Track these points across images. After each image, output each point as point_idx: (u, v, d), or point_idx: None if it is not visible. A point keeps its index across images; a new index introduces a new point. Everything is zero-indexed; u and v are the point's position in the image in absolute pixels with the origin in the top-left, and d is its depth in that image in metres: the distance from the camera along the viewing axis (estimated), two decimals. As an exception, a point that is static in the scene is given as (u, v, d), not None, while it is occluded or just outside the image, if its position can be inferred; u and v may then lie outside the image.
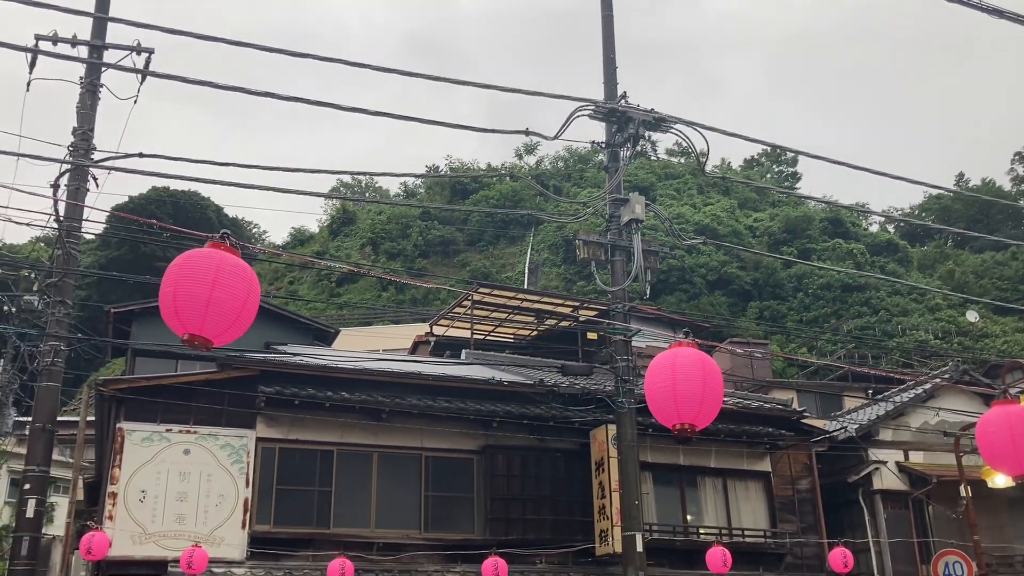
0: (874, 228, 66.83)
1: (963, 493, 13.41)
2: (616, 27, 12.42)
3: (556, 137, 10.11)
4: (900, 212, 70.44)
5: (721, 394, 4.43)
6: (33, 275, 19.51)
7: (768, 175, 69.22)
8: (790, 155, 70.93)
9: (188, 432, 12.09)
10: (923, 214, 69.77)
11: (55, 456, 13.57)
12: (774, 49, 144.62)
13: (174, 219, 45.06)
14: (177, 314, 3.46)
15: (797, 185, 71.93)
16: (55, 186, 10.68)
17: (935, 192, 71.13)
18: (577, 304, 19.10)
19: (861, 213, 61.30)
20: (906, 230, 69.88)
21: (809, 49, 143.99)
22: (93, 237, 48.57)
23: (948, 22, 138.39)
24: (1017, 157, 73.27)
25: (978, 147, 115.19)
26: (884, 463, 16.23)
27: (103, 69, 11.53)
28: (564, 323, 19.07)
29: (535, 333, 19.97)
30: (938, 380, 17.16)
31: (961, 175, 73.55)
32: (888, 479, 16.21)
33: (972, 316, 44.39)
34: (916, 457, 16.64)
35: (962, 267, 56.96)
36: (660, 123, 10.70)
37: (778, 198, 62.90)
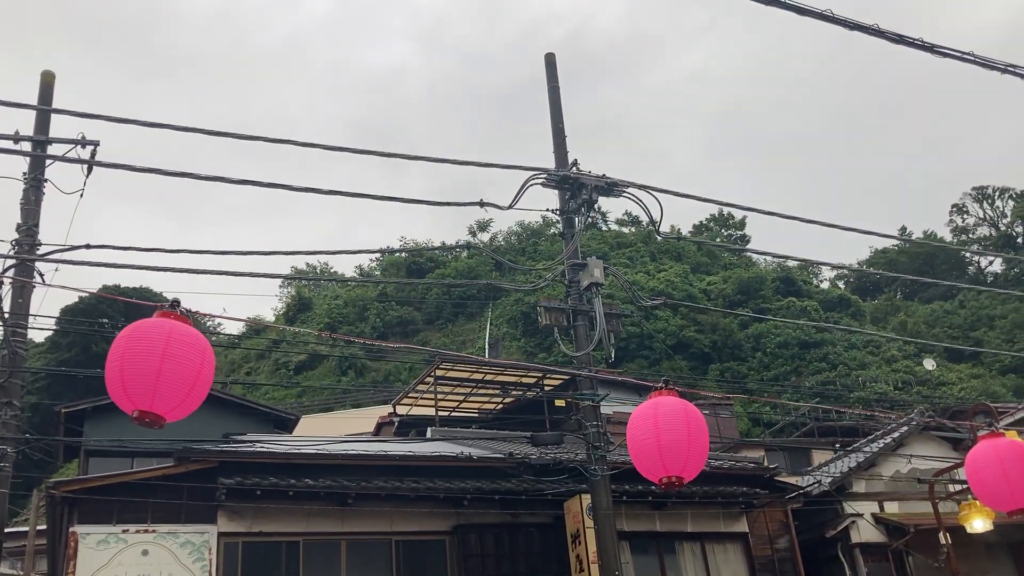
0: (825, 285, 68.05)
1: (943, 541, 13.29)
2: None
3: (511, 207, 10.09)
4: (848, 268, 71.83)
5: (707, 444, 4.27)
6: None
7: (717, 239, 70.38)
8: (738, 219, 72.34)
9: (146, 531, 11.53)
10: (870, 269, 71.27)
11: (5, 570, 12.89)
12: (712, 120, 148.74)
13: (126, 317, 44.18)
14: (125, 390, 3.23)
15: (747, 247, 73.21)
16: (-1, 283, 10.35)
17: (880, 246, 72.92)
18: (541, 374, 18.91)
19: (819, 265, 62.41)
20: (856, 285, 71.27)
21: (746, 119, 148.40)
22: (43, 340, 47.49)
23: (877, 84, 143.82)
24: (955, 209, 75.69)
25: (917, 201, 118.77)
26: (860, 515, 16.09)
27: (48, 162, 11.34)
28: (530, 393, 18.84)
29: (501, 406, 19.69)
30: (906, 428, 17.18)
31: (904, 228, 75.48)
32: (866, 532, 16.04)
33: (929, 364, 45.04)
34: (891, 507, 16.53)
35: (913, 318, 58.03)
36: (613, 187, 10.75)
37: (729, 261, 63.87)
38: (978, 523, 12.48)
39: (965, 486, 13.79)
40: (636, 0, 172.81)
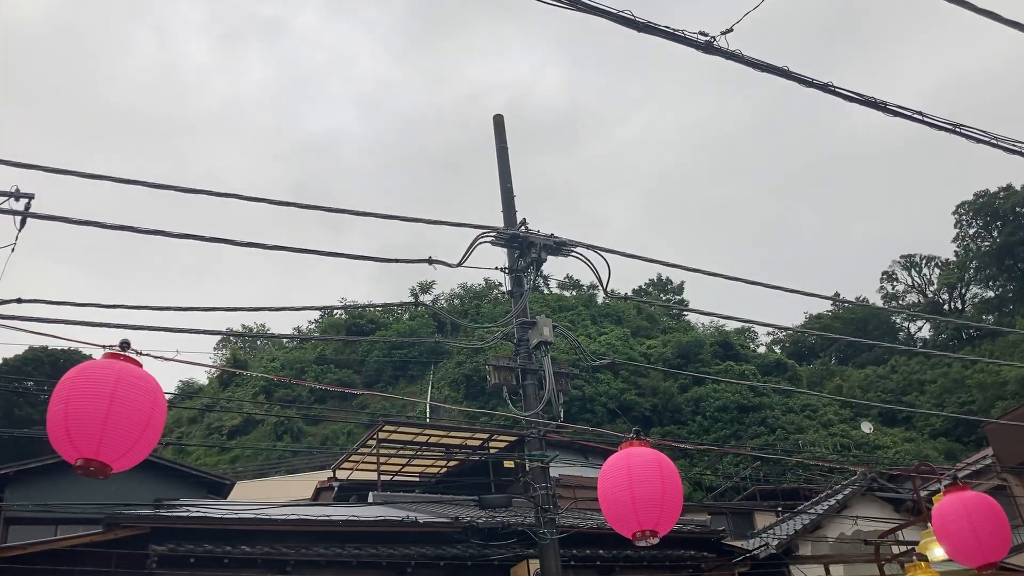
0: (762, 350, 69.16)
1: (889, 603, 13.24)
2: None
3: (460, 264, 9.95)
4: (785, 333, 73.24)
5: (681, 496, 4.12)
6: None
7: (654, 306, 71.21)
8: (676, 283, 73.46)
9: (69, 603, 10.86)
10: (807, 329, 72.74)
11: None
12: (649, 188, 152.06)
13: (52, 381, 42.61)
14: (69, 435, 2.97)
15: (684, 313, 74.23)
16: (-80, 338, 9.86)
17: (815, 312, 74.54)
18: (487, 435, 18.61)
19: (758, 325, 63.36)
20: (792, 350, 72.54)
21: (682, 186, 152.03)
22: (-39, 402, 45.47)
23: (807, 153, 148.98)
24: (885, 276, 78.00)
25: (848, 269, 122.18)
26: (807, 579, 16.01)
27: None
28: (475, 456, 18.50)
29: (445, 469, 19.28)
30: (849, 490, 17.27)
31: (837, 294, 77.33)
32: (813, 595, 15.95)
33: (866, 427, 45.79)
34: (837, 571, 16.49)
35: (848, 382, 59.18)
36: (561, 247, 10.73)
37: (669, 325, 64.62)
38: (924, 586, 12.46)
39: (910, 547, 13.84)
40: (573, 73, 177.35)
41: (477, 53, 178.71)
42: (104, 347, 3.19)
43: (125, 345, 3.25)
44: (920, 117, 5.91)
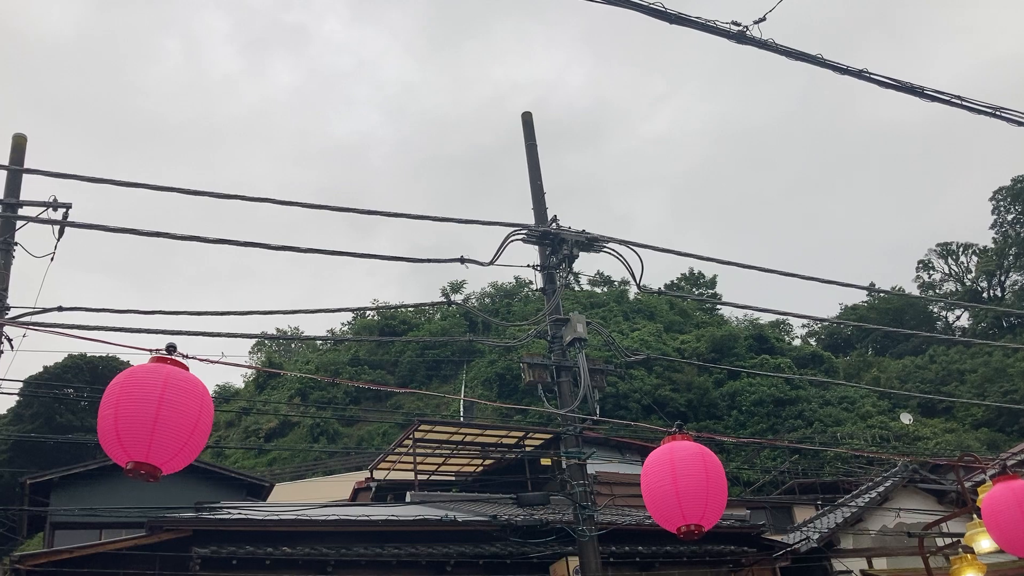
0: (797, 343, 68.51)
1: (935, 596, 13.06)
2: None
3: (492, 263, 9.96)
4: (820, 325, 72.50)
5: (725, 490, 4.08)
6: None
7: (688, 299, 70.78)
8: (709, 277, 72.96)
9: (116, 606, 11.02)
10: (841, 326, 71.96)
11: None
12: (676, 184, 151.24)
13: (91, 388, 43.31)
14: (119, 440, 3.00)
15: (717, 307, 73.71)
16: (-35, 348, 10.01)
17: (850, 303, 73.70)
18: (523, 433, 18.61)
19: (791, 317, 62.73)
20: (828, 343, 71.80)
21: (708, 180, 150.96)
22: (5, 412, 46.32)
23: (837, 144, 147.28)
24: (921, 265, 76.92)
25: (884, 259, 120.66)
26: (850, 572, 15.82)
27: (19, 224, 11.10)
28: (510, 455, 18.52)
29: (481, 468, 19.32)
30: (891, 482, 17.04)
31: (872, 284, 76.38)
32: (856, 589, 15.77)
33: (906, 419, 45.17)
34: (880, 563, 16.29)
35: (886, 373, 58.39)
36: (593, 243, 10.71)
37: (702, 320, 64.17)
38: (971, 577, 12.26)
39: (955, 539, 13.64)
40: (597, 70, 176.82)
41: (500, 53, 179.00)
42: (151, 351, 3.23)
43: (171, 349, 3.28)
44: (959, 101, 5.81)
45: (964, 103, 5.39)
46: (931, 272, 76.50)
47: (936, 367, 58.82)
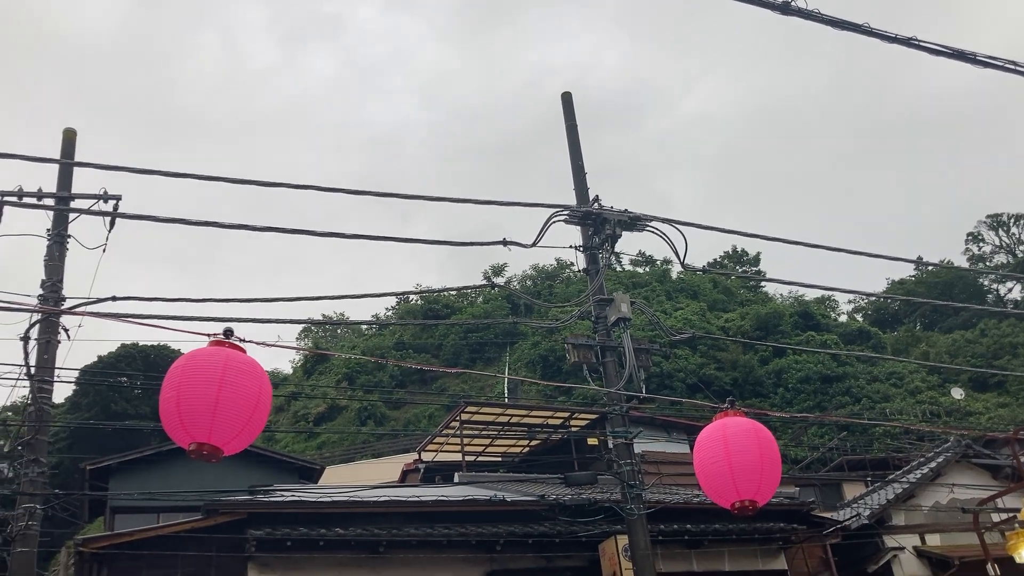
0: (843, 319, 67.58)
1: (991, 572, 12.88)
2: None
3: (534, 244, 9.99)
4: (867, 300, 71.44)
5: (780, 465, 4.07)
6: (2, 442, 18.79)
7: (732, 277, 70.11)
8: (752, 255, 72.19)
9: (176, 587, 11.32)
10: (888, 301, 70.77)
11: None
12: (716, 162, 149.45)
13: (144, 376, 44.26)
14: (182, 421, 3.09)
15: (761, 285, 72.87)
16: (25, 338, 10.28)
17: (897, 277, 72.43)
18: (568, 414, 18.66)
19: (837, 292, 61.92)
20: (875, 318, 70.73)
21: (748, 157, 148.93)
22: (62, 401, 47.50)
23: (880, 116, 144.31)
24: (970, 237, 75.29)
25: (931, 233, 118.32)
26: (902, 549, 15.67)
27: (72, 217, 11.33)
28: (556, 435, 18.59)
29: (527, 448, 19.43)
30: (943, 458, 16.80)
31: (919, 258, 74.95)
32: (909, 565, 15.61)
33: (957, 393, 44.40)
34: (933, 539, 16.11)
35: (935, 348, 57.38)
36: (636, 222, 10.67)
37: (746, 298, 63.56)
38: (1027, 552, 12.10)
39: (1011, 515, 13.43)
40: (631, 52, 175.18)
41: (535, 37, 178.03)
42: (209, 335, 3.31)
43: (229, 333, 3.36)
44: (1013, 67, 5.69)
45: (1018, 67, 5.28)
46: (981, 244, 74.87)
47: (987, 341, 57.61)
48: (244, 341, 3.38)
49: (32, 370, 10.23)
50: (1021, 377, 45.48)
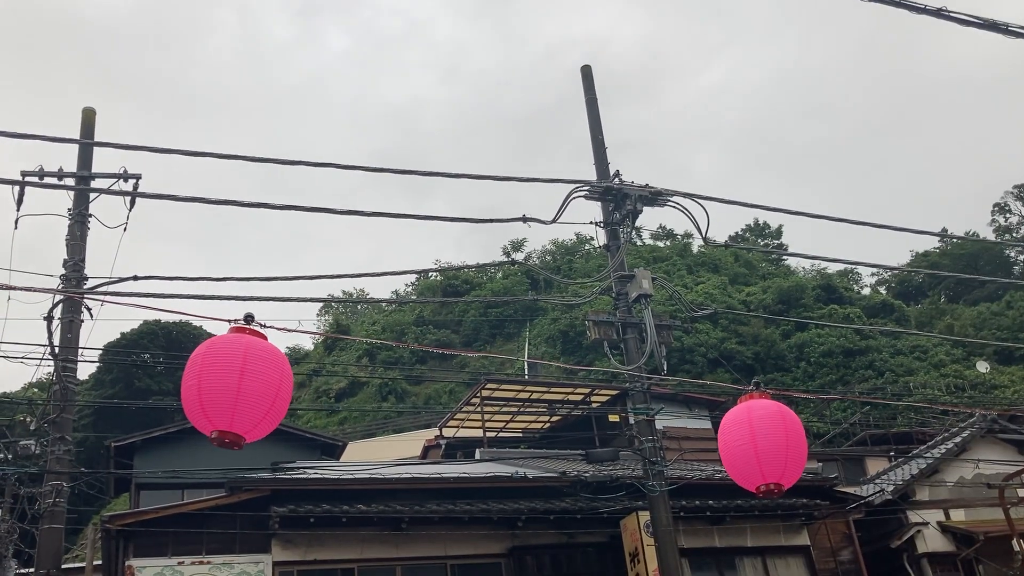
0: (866, 291, 67.05)
1: (1017, 548, 12.79)
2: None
3: (554, 221, 9.88)
4: (890, 273, 70.76)
5: (805, 448, 4.01)
6: (29, 419, 19.00)
7: (754, 251, 69.64)
8: (774, 228, 71.66)
9: (201, 563, 11.43)
10: (914, 268, 70.05)
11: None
12: (734, 136, 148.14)
13: (166, 352, 44.65)
14: (203, 409, 3.07)
15: (783, 258, 72.34)
16: (49, 318, 10.34)
17: (921, 250, 71.67)
18: (589, 390, 18.65)
19: (860, 266, 61.56)
20: (898, 290, 70.13)
21: (769, 130, 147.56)
22: (87, 378, 48.04)
23: (904, 88, 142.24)
24: (996, 208, 74.28)
25: (956, 204, 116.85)
26: (926, 524, 15.58)
27: (92, 196, 11.35)
28: (577, 411, 18.59)
29: (548, 424, 19.45)
30: (968, 432, 16.65)
31: (944, 230, 74.07)
32: (933, 541, 15.53)
33: (982, 367, 43.99)
34: (958, 515, 16.00)
35: (960, 321, 56.83)
36: (657, 197, 10.55)
37: (768, 271, 63.17)
38: (1054, 528, 12.00)
39: (1037, 490, 13.31)
40: (650, 24, 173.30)
41: (551, 10, 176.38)
42: (229, 321, 3.28)
43: (250, 319, 3.33)
44: (1044, 36, 5.54)
45: (1052, 38, 5.13)
46: (1008, 215, 73.80)
47: (1013, 313, 56.94)
48: (265, 327, 3.35)
49: (56, 349, 10.32)
50: (1047, 350, 44.97)
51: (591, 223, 11.68)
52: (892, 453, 22.06)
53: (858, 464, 23.99)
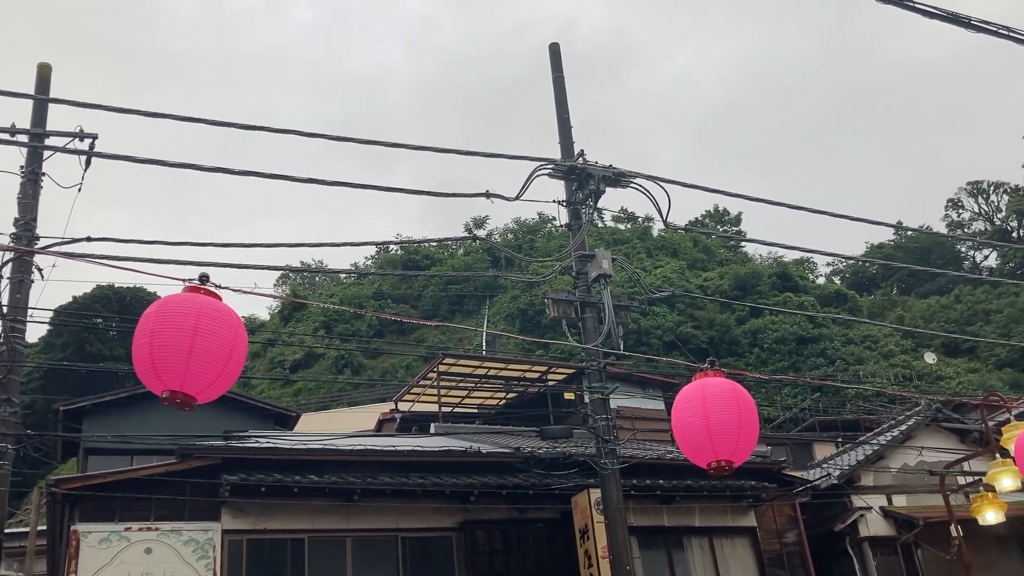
0: (820, 281, 68.09)
1: (954, 533, 13.15)
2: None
3: (517, 197, 9.87)
4: (845, 263, 71.91)
5: (757, 427, 4.08)
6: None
7: (713, 236, 70.28)
8: (734, 214, 72.35)
9: (149, 529, 11.32)
10: (866, 264, 71.29)
11: (2, 572, 12.63)
12: (699, 123, 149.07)
13: (119, 318, 43.93)
14: (155, 369, 3.02)
15: (741, 244, 73.12)
16: (-3, 277, 10.10)
17: (876, 241, 72.89)
18: (546, 368, 18.74)
19: (815, 254, 62.33)
20: (852, 281, 71.32)
21: (732, 118, 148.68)
22: (36, 341, 47.13)
23: (865, 81, 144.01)
24: (950, 204, 75.74)
25: (910, 199, 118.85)
26: (869, 509, 15.95)
27: (46, 155, 11.09)
28: (533, 389, 18.68)
29: (504, 401, 19.52)
30: (914, 421, 17.05)
31: (899, 222, 75.33)
32: (875, 525, 15.91)
33: (930, 358, 45.04)
34: (900, 500, 16.41)
35: (910, 312, 58.04)
36: (620, 178, 10.58)
37: (726, 257, 63.82)
38: (990, 515, 12.36)
39: (976, 478, 13.67)
40: (618, 6, 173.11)
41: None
42: (184, 281, 3.23)
43: (204, 279, 3.28)
44: (1008, 32, 5.62)
45: (1013, 34, 5.21)
46: (960, 211, 75.37)
47: (961, 307, 58.32)
48: (220, 288, 3.31)
49: (4, 309, 10.10)
50: (992, 343, 46.16)
51: (554, 202, 11.68)
52: (840, 439, 22.49)
53: (806, 449, 24.44)
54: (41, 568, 17.09)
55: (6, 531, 11.47)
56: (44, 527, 15.07)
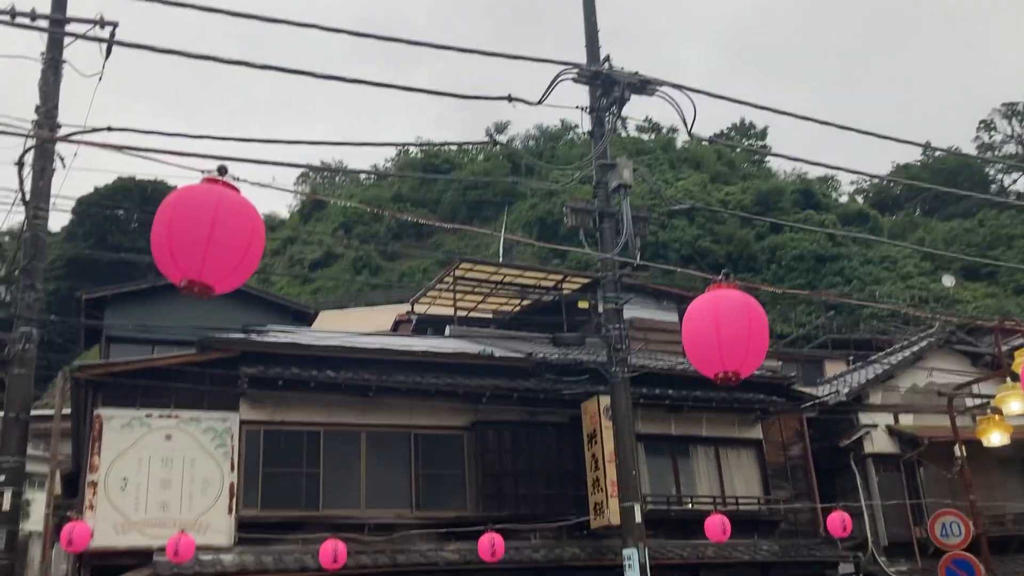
0: (844, 199, 67.29)
1: (958, 453, 13.33)
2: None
3: (540, 102, 9.73)
4: (869, 182, 70.90)
5: (767, 340, 4.11)
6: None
7: (738, 149, 69.24)
8: (759, 128, 71.08)
9: (169, 417, 11.67)
10: (891, 184, 70.21)
11: (29, 451, 13.05)
12: (728, 31, 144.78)
13: (141, 210, 44.19)
14: (173, 257, 3.07)
15: (766, 159, 72.08)
16: (20, 164, 10.15)
17: (902, 161, 71.62)
18: (561, 276, 18.80)
19: (839, 171, 61.74)
20: (875, 200, 70.40)
21: (763, 31, 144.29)
22: (59, 230, 47.55)
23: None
24: (982, 125, 73.98)
25: (943, 118, 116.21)
26: (875, 426, 16.16)
27: (66, 42, 10.99)
28: (548, 297, 18.80)
29: (519, 308, 19.67)
30: (926, 342, 17.09)
31: (927, 143, 73.83)
32: (880, 442, 16.15)
33: (948, 281, 44.77)
34: (906, 420, 16.60)
35: (932, 235, 57.43)
36: (646, 85, 10.39)
37: (749, 172, 62.98)
38: (995, 437, 12.48)
39: (985, 401, 13.78)
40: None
41: None
42: (203, 172, 3.25)
43: (223, 171, 3.29)
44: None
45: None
46: (992, 133, 73.61)
47: (984, 231, 57.56)
48: (239, 180, 3.33)
49: (27, 196, 10.18)
50: (1012, 268, 45.79)
51: (577, 108, 11.54)
52: (851, 357, 22.61)
53: (817, 366, 24.62)
54: (66, 449, 17.70)
55: (33, 413, 11.84)
56: (68, 410, 15.52)
